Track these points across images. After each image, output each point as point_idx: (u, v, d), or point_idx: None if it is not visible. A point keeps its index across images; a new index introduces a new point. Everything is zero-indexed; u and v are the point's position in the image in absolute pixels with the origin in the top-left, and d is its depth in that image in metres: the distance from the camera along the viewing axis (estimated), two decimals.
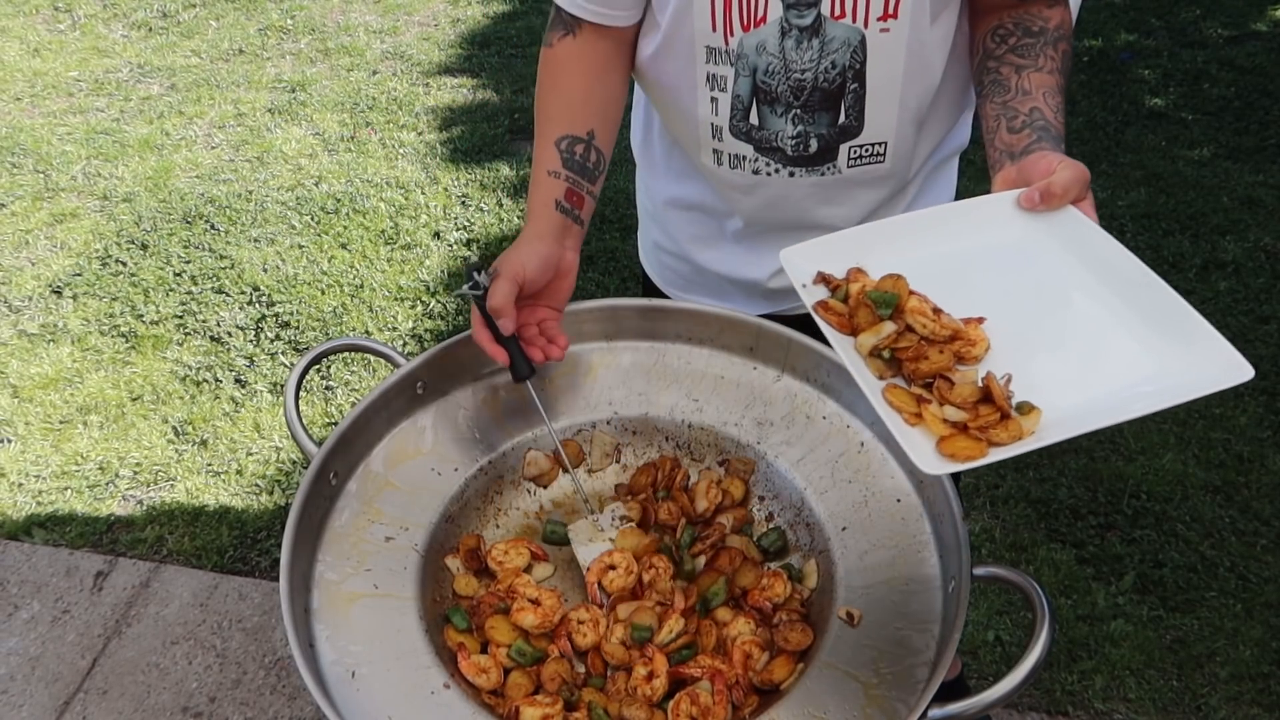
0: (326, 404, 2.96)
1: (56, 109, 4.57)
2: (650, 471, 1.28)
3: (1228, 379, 0.84)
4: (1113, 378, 0.90)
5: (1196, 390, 0.85)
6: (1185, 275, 3.32)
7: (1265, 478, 2.63)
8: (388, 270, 3.48)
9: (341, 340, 1.36)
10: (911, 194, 1.43)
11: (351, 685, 1.03)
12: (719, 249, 1.49)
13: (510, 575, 1.18)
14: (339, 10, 5.36)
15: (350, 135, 4.28)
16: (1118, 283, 0.96)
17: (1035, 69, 1.17)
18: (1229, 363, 0.85)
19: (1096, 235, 0.99)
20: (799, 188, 1.34)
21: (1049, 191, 1.01)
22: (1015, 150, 1.11)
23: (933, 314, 0.96)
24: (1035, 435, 0.87)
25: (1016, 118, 1.14)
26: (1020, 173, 1.05)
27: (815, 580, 1.17)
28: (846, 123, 1.27)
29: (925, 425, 0.90)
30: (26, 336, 3.27)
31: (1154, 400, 0.86)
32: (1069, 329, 0.96)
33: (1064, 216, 1.01)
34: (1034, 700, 2.17)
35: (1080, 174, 1.01)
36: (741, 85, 1.26)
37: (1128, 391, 0.88)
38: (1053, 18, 1.21)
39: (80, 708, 2.23)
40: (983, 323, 0.97)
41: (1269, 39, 4.73)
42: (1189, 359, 0.88)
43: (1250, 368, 0.83)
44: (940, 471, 0.86)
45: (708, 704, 1.03)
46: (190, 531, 2.62)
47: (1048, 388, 0.91)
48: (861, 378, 0.92)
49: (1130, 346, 0.92)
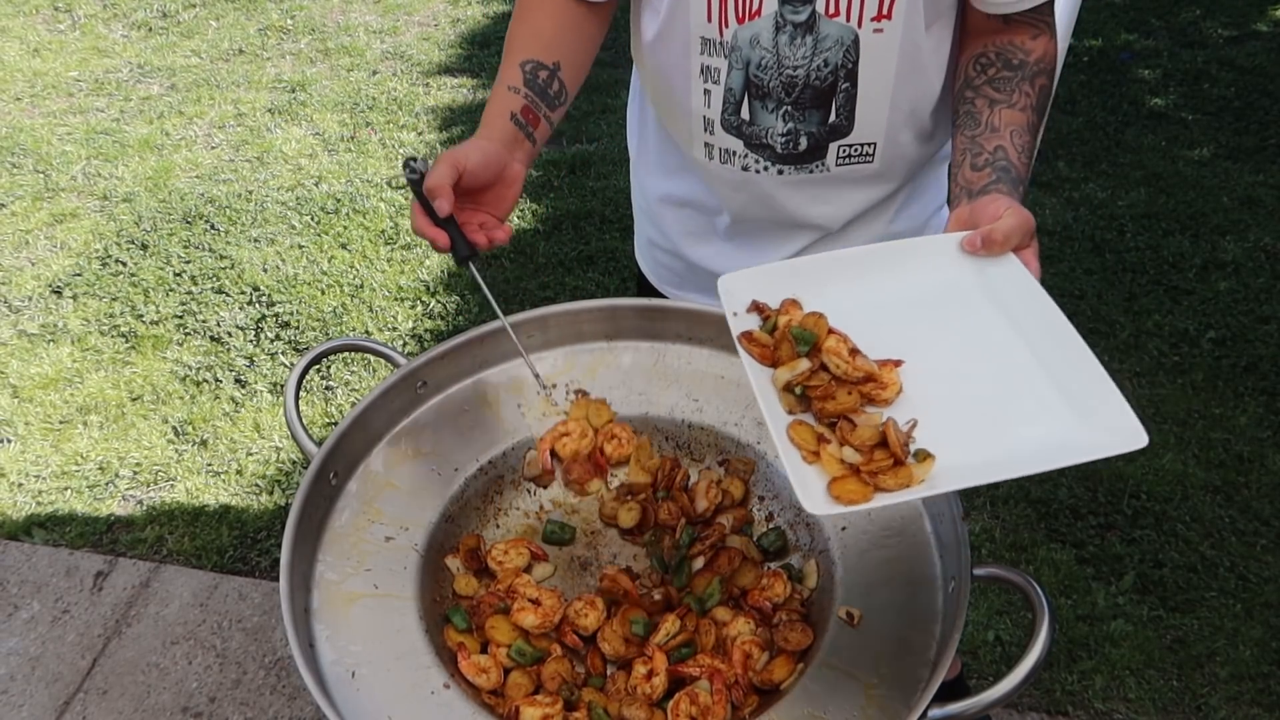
0: (326, 404, 2.96)
1: (56, 109, 4.57)
2: (650, 471, 1.28)
3: (1123, 445, 0.86)
4: (1014, 433, 0.93)
5: (1091, 454, 0.87)
6: (1185, 275, 3.32)
7: (1265, 478, 2.63)
8: (388, 270, 3.49)
9: (341, 340, 1.37)
10: (901, 199, 1.43)
11: (351, 685, 1.03)
12: (710, 246, 1.50)
13: (510, 575, 1.18)
14: (339, 10, 5.36)
15: (350, 135, 4.28)
16: (1039, 338, 0.98)
17: (1008, 105, 1.20)
18: (1126, 430, 0.87)
19: (1028, 288, 1.01)
20: (788, 185, 1.35)
21: (990, 238, 1.03)
22: (974, 189, 1.13)
23: (849, 355, 0.98)
24: (926, 483, 0.89)
25: (981, 154, 1.16)
26: (972, 213, 1.07)
27: (815, 580, 1.17)
28: (837, 122, 1.28)
29: (821, 464, 0.92)
30: (26, 336, 3.27)
31: (1048, 460, 0.89)
32: (983, 380, 0.98)
33: (1002, 264, 1.04)
34: (1034, 700, 2.17)
35: (1023, 222, 1.04)
36: (734, 78, 1.26)
37: (1025, 448, 0.91)
38: (1035, 50, 1.23)
39: (80, 708, 2.23)
40: (899, 366, 0.99)
41: (1269, 39, 4.73)
42: (1090, 422, 0.91)
43: (1144, 436, 0.86)
44: (823, 512, 0.88)
45: (707, 703, 1.03)
46: (190, 531, 2.62)
47: (952, 436, 0.93)
48: (769, 411, 0.95)
49: (1037, 404, 0.94)
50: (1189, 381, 2.93)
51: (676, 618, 1.12)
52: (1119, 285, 3.29)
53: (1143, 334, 3.10)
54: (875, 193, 1.38)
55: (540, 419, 1.15)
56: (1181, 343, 3.07)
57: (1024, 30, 1.23)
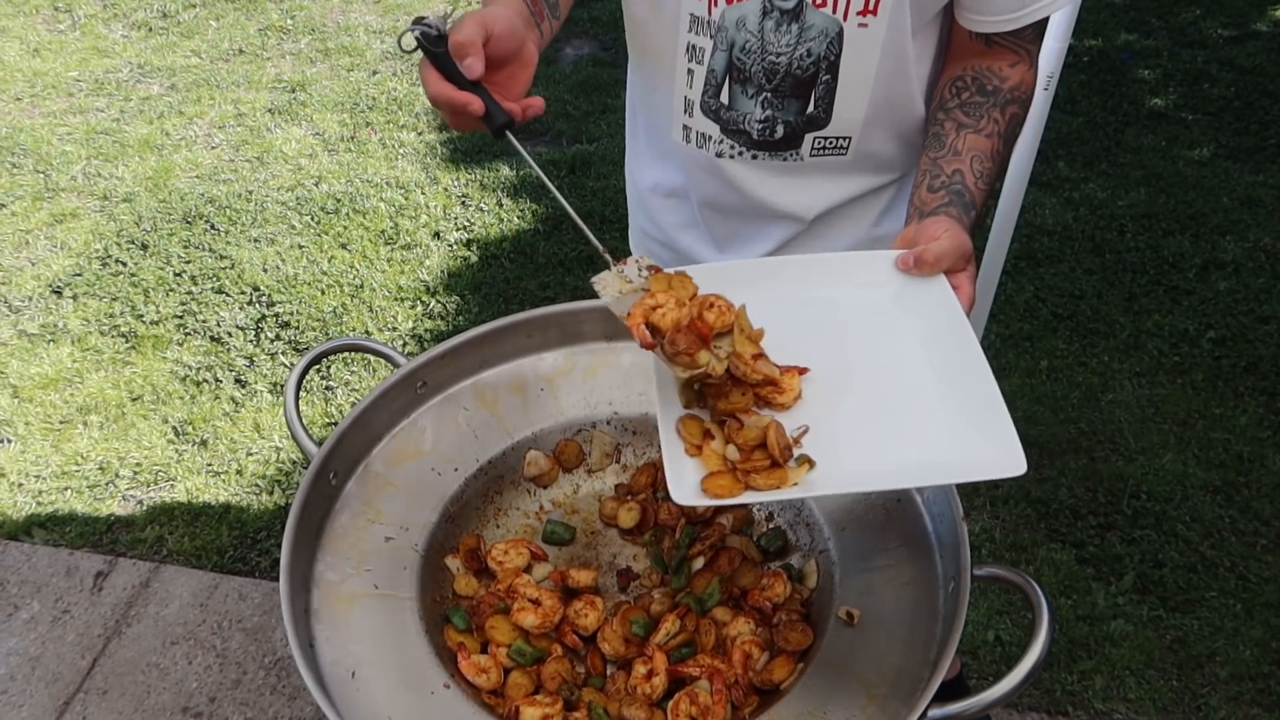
0: (326, 404, 2.96)
1: (56, 109, 4.57)
2: (650, 471, 1.28)
3: (1000, 470, 0.90)
4: (901, 449, 0.96)
5: (969, 475, 0.93)
6: (1185, 275, 3.32)
7: (1265, 478, 2.63)
8: (388, 270, 3.49)
9: (341, 340, 1.37)
10: (886, 201, 1.43)
11: (351, 685, 1.03)
12: (693, 233, 1.51)
13: (510, 575, 1.18)
14: (339, 10, 5.36)
15: (350, 135, 4.28)
16: (946, 361, 1.01)
17: (974, 130, 1.21)
18: (1007, 456, 0.91)
19: (949, 311, 1.04)
20: (760, 170, 1.35)
21: (921, 258, 1.05)
22: (925, 209, 1.16)
23: (751, 358, 0.99)
24: (800, 485, 0.93)
25: (939, 177, 1.18)
26: (916, 233, 1.09)
27: (815, 580, 1.17)
28: (814, 113, 1.28)
29: (702, 459, 0.96)
30: (26, 336, 3.27)
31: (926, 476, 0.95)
32: (884, 395, 1.01)
33: (930, 286, 1.07)
34: (1034, 700, 2.17)
35: (957, 246, 1.06)
36: (718, 59, 1.27)
37: (908, 463, 0.94)
38: (1010, 78, 1.24)
39: (80, 708, 2.23)
40: (804, 374, 1.02)
41: (1269, 39, 4.73)
42: (975, 445, 0.94)
43: (1024, 463, 0.90)
44: (689, 503, 0.92)
45: (707, 703, 1.03)
46: (190, 531, 2.62)
47: (842, 445, 0.96)
48: (662, 403, 0.98)
49: (929, 423, 0.98)
50: (1189, 381, 2.93)
51: (676, 618, 1.12)
52: (1119, 285, 3.29)
53: (1143, 334, 3.10)
54: (850, 185, 1.39)
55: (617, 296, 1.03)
56: (1181, 343, 3.07)
57: (1005, 56, 1.24)
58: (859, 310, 1.08)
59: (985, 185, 1.19)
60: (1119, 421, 2.81)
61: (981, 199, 1.18)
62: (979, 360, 0.99)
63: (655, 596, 1.18)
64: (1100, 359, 3.02)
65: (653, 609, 1.16)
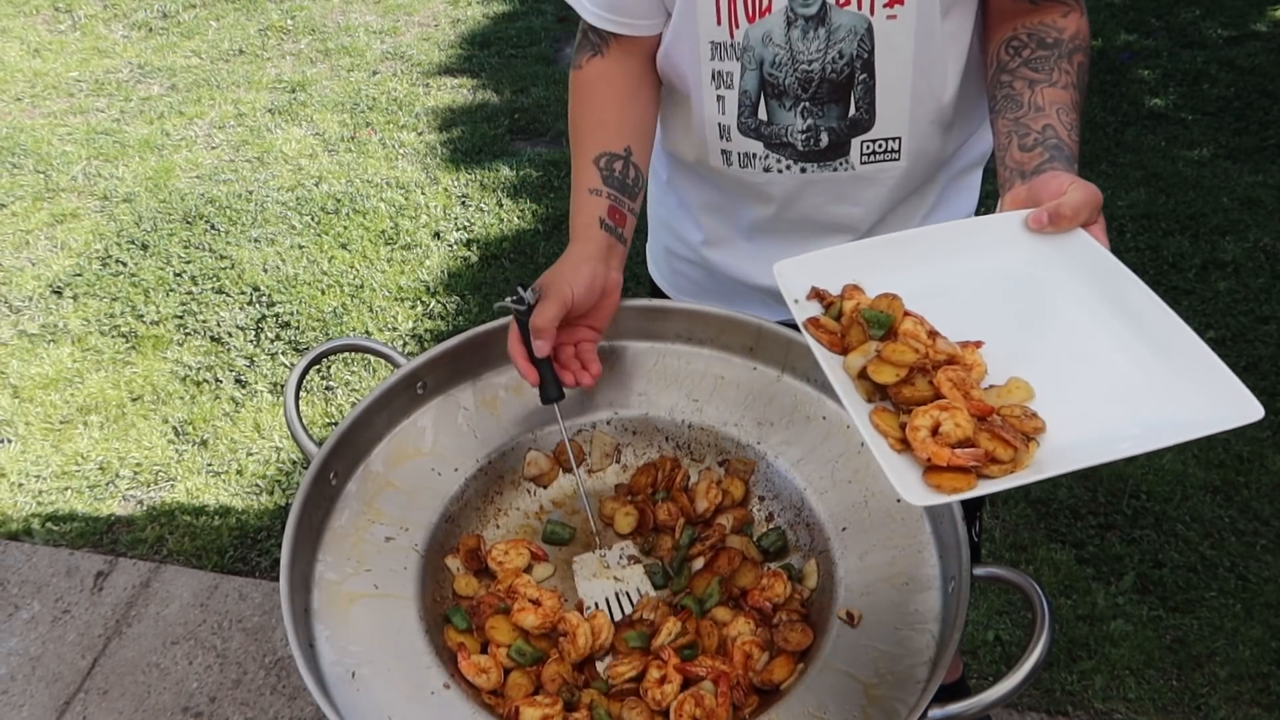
0: (326, 404, 2.96)
1: (57, 109, 4.57)
2: (650, 472, 1.28)
3: (1237, 418, 0.81)
4: (1116, 412, 0.87)
5: (1204, 429, 0.82)
6: (1185, 275, 3.32)
7: (1265, 478, 2.63)
8: (388, 270, 3.49)
9: (341, 340, 1.37)
10: (931, 200, 1.40)
11: (351, 685, 1.03)
12: (733, 251, 1.47)
13: (510, 575, 1.18)
14: (339, 10, 5.36)
15: (350, 135, 4.28)
16: (1126, 312, 0.92)
17: (1049, 84, 1.14)
18: (1239, 401, 0.82)
19: (1106, 261, 0.95)
20: (811, 185, 1.32)
21: (1058, 213, 0.97)
22: (1026, 169, 1.07)
23: (927, 337, 0.93)
24: (1031, 468, 0.84)
25: (1029, 135, 1.10)
26: (1030, 192, 1.02)
27: (815, 580, 1.17)
28: (857, 115, 1.25)
29: (912, 453, 0.86)
30: (27, 336, 3.27)
31: (1157, 438, 0.82)
32: (1072, 358, 0.92)
33: (1073, 240, 0.98)
34: (1034, 700, 2.17)
35: (1091, 196, 0.98)
36: (749, 80, 1.24)
37: (1131, 427, 0.85)
38: (1068, 27, 1.18)
39: (80, 708, 2.23)
40: (980, 347, 0.94)
41: (1269, 39, 4.73)
42: (1199, 395, 0.84)
43: (1260, 408, 0.80)
44: (925, 503, 0.83)
45: (711, 705, 1.02)
46: (190, 531, 2.62)
47: (1047, 419, 0.88)
48: (849, 399, 0.89)
49: (1137, 380, 0.88)
50: None
51: (677, 620, 1.12)
52: None
53: None
54: (903, 193, 1.35)
55: (590, 579, 1.20)
56: None
57: (1054, 9, 1.19)
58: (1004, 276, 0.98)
59: (1078, 137, 1.11)
60: None
61: (1077, 151, 1.10)
62: (1163, 308, 0.89)
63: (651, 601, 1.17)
64: None
65: (648, 615, 1.15)
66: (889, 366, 0.91)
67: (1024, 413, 0.88)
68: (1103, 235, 0.99)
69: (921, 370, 0.91)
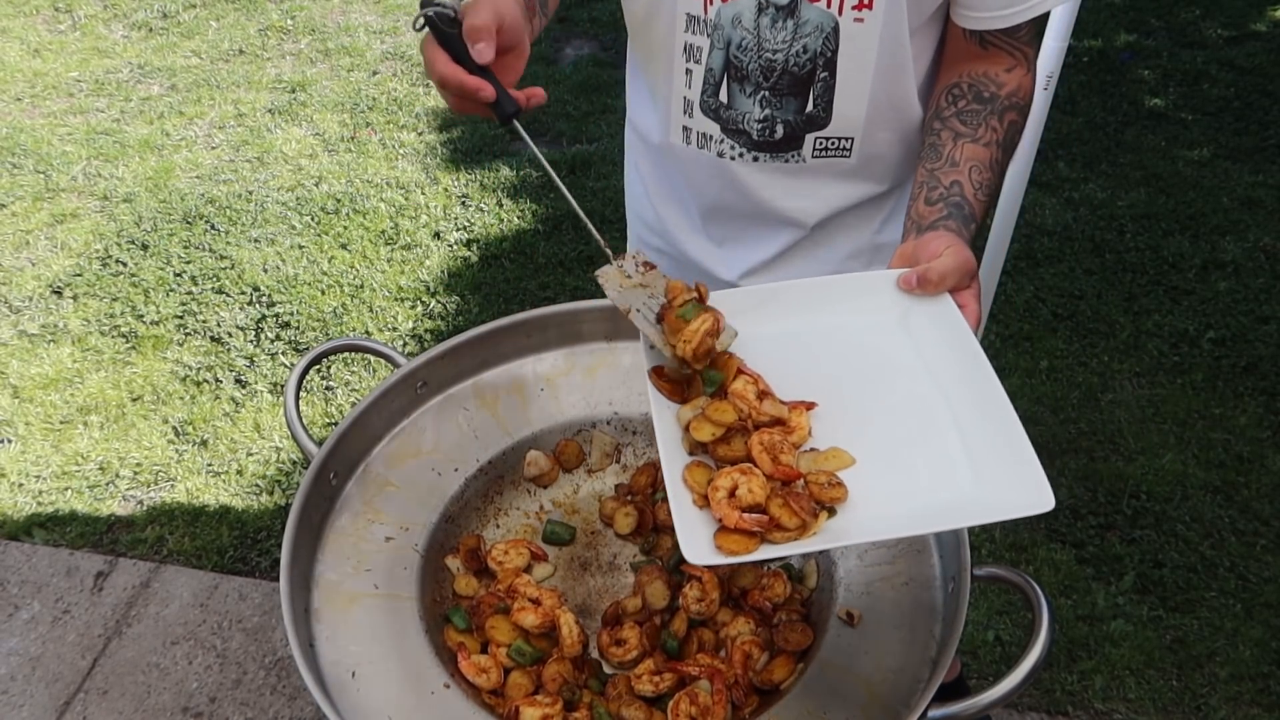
0: (326, 404, 2.96)
1: (57, 109, 4.57)
2: (650, 471, 1.28)
3: (1030, 508, 0.84)
4: (919, 490, 0.90)
5: (996, 515, 0.86)
6: (1185, 275, 3.32)
7: (1265, 478, 2.63)
8: (388, 270, 3.49)
9: (341, 340, 1.37)
10: (889, 208, 1.42)
11: (351, 685, 1.03)
12: (694, 244, 1.50)
13: (510, 575, 1.18)
14: (339, 10, 5.36)
15: (350, 135, 4.28)
16: (959, 389, 0.96)
17: (972, 139, 1.18)
18: (1036, 491, 0.85)
19: (958, 334, 0.98)
20: (763, 173, 1.35)
21: (925, 278, 1.01)
22: (923, 223, 1.12)
23: (755, 398, 0.95)
24: (823, 535, 0.87)
25: (936, 189, 1.15)
26: (915, 250, 1.05)
27: (815, 580, 1.17)
28: (814, 112, 1.28)
29: (711, 510, 0.89)
30: (27, 337, 3.27)
31: (952, 519, 0.87)
32: (897, 430, 0.95)
33: (938, 305, 1.02)
34: (1034, 700, 2.17)
35: (961, 263, 1.01)
36: (715, 58, 1.27)
37: (932, 506, 0.88)
38: (1007, 84, 1.22)
39: (80, 708, 2.23)
40: (812, 409, 0.97)
41: (1269, 39, 4.73)
42: (1000, 482, 0.88)
43: (1051, 498, 0.83)
44: (706, 563, 0.86)
45: (707, 703, 1.03)
46: (190, 531, 2.62)
47: (854, 487, 0.91)
48: (665, 450, 0.92)
49: (949, 459, 0.91)
50: (1189, 381, 2.93)
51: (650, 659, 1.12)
52: (1119, 285, 3.29)
53: (1143, 334, 3.10)
54: (854, 191, 1.37)
55: (618, 289, 1.05)
56: (1181, 343, 3.07)
57: (1001, 60, 1.22)
58: (863, 336, 1.02)
59: (985, 196, 1.16)
60: (1119, 421, 2.81)
61: (981, 210, 1.15)
62: (994, 388, 0.93)
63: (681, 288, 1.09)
64: (1100, 359, 3.02)
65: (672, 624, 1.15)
66: (709, 424, 0.94)
67: (829, 480, 0.91)
68: (974, 301, 1.02)
69: (742, 430, 0.94)
